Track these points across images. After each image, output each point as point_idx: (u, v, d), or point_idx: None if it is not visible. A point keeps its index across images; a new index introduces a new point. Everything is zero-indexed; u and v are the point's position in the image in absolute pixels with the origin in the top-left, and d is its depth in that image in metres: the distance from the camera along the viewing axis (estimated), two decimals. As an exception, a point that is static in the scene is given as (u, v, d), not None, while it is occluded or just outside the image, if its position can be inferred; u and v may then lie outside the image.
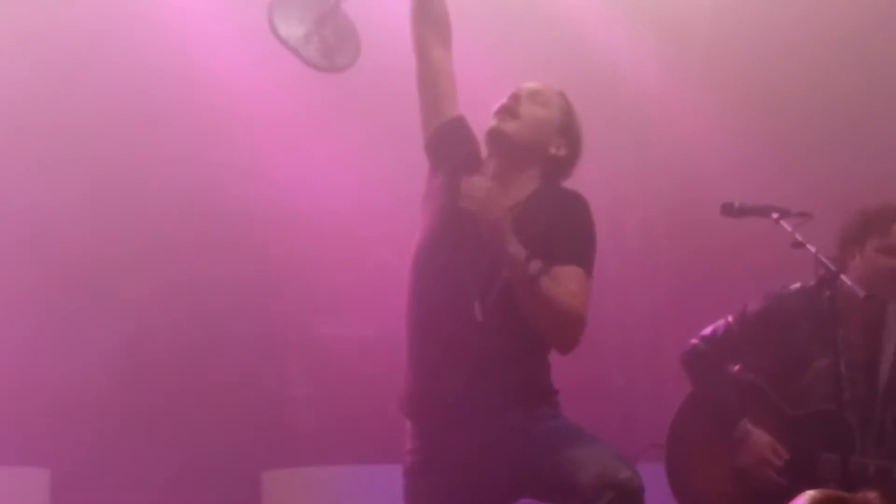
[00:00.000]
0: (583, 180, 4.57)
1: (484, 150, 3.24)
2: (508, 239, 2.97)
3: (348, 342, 5.39)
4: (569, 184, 3.40)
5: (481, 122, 3.21)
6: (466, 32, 3.40)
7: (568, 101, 3.28)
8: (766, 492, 3.81)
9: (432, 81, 3.28)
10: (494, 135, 3.17)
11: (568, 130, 3.24)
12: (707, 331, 4.06)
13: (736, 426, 3.88)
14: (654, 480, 4.09)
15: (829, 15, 5.39)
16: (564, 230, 3.11)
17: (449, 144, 3.23)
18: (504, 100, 3.21)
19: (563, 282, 3.00)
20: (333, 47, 3.47)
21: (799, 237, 3.72)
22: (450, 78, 3.29)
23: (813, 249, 3.72)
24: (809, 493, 1.97)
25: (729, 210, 3.90)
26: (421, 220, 3.22)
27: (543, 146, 3.19)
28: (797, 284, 4.00)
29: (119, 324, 5.24)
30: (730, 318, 4.03)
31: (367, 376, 5.00)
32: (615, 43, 5.72)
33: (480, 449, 3.07)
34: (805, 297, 3.94)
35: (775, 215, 3.79)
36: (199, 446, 5.12)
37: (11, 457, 4.84)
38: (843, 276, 3.66)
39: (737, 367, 4.05)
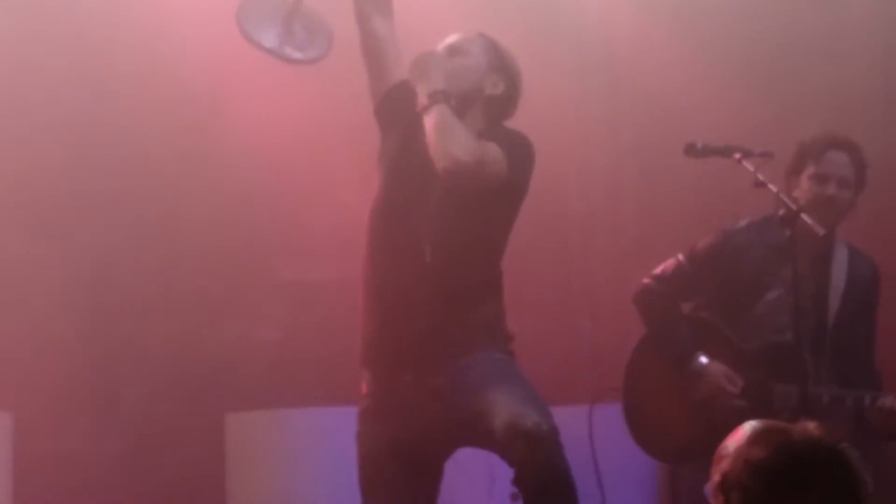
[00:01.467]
0: (550, 125, 4.57)
1: None
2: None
3: (312, 286, 5.36)
4: (536, 128, 3.44)
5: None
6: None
7: (490, 40, 3.39)
8: (724, 422, 3.80)
9: (375, 50, 3.39)
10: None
11: (499, 67, 3.35)
12: (658, 270, 4.10)
13: (690, 360, 3.90)
14: (615, 420, 4.15)
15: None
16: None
17: (396, 109, 3.34)
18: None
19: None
20: (306, 40, 3.60)
21: (761, 177, 3.73)
22: (391, 43, 3.40)
23: (774, 189, 3.74)
24: (750, 423, 1.98)
25: (692, 150, 3.92)
26: (376, 179, 3.36)
27: (478, 90, 3.31)
28: (745, 220, 4.05)
29: (79, 265, 5.17)
30: (680, 256, 4.08)
31: (331, 320, 5.00)
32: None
33: (430, 393, 3.16)
34: (754, 232, 3.99)
35: (738, 155, 3.80)
36: (162, 389, 5.10)
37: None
38: (802, 215, 3.66)
39: (689, 305, 4.08)
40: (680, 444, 3.97)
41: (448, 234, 3.20)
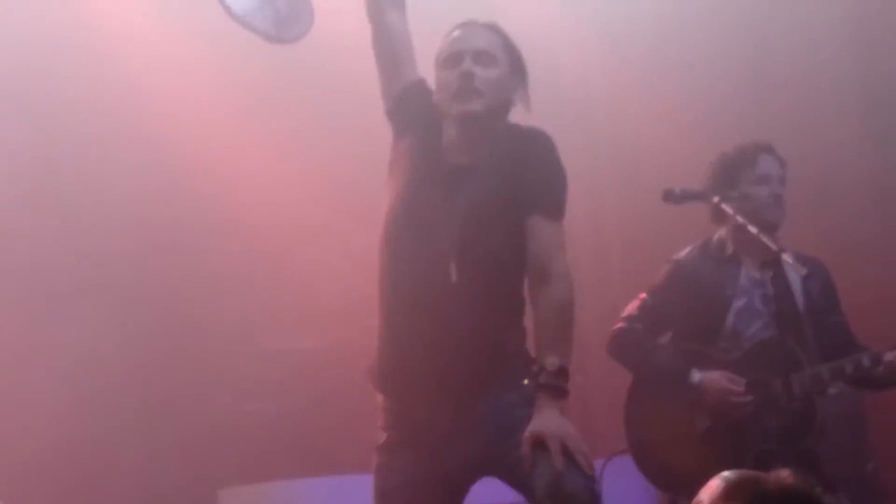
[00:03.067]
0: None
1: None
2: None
3: (298, 355, 5.33)
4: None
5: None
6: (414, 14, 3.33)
7: (502, 33, 3.20)
8: (738, 424, 3.84)
9: (389, 45, 3.21)
10: (467, 119, 3.09)
11: (517, 66, 3.18)
12: (625, 312, 4.11)
13: (685, 379, 3.88)
14: (627, 472, 4.09)
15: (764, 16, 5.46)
16: (532, 178, 3.05)
17: (412, 109, 3.17)
18: (453, 76, 3.09)
19: (553, 268, 2.96)
20: (285, 18, 3.40)
21: (740, 218, 3.80)
22: (406, 40, 3.23)
23: (754, 230, 3.77)
24: (723, 475, 1.95)
25: (670, 196, 3.96)
26: (388, 189, 3.15)
27: (508, 100, 3.15)
28: (688, 247, 4.12)
29: (69, 345, 5.15)
30: (642, 295, 4.08)
31: (319, 389, 4.97)
32: (558, 40, 5.72)
33: (464, 424, 2.99)
34: (698, 254, 4.06)
35: (716, 199, 3.88)
36: (154, 468, 5.07)
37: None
38: (783, 255, 3.74)
39: (664, 338, 4.09)
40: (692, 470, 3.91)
41: (475, 251, 2.99)
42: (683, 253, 4.09)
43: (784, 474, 1.91)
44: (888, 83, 5.46)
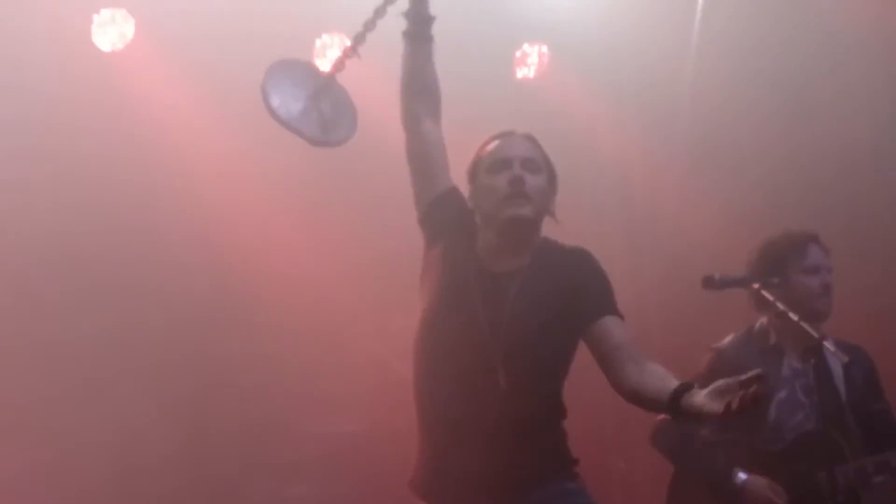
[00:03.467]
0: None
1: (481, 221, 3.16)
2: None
3: (338, 438, 5.34)
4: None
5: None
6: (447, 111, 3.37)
7: (537, 141, 3.22)
8: None
9: (423, 154, 3.21)
10: (518, 224, 3.09)
11: (552, 177, 3.20)
12: None
13: (729, 481, 3.84)
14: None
15: (797, 88, 5.52)
16: (592, 286, 3.07)
17: (445, 217, 3.18)
18: (502, 180, 3.09)
19: (627, 350, 2.97)
20: (331, 121, 3.40)
21: (781, 305, 3.76)
22: (441, 149, 3.22)
23: (795, 317, 3.75)
24: None
25: (710, 283, 3.90)
26: (421, 295, 3.15)
27: (546, 210, 3.16)
28: (730, 336, 4.08)
29: (111, 420, 5.11)
30: None
31: (359, 471, 4.96)
32: (598, 126, 5.81)
33: None
34: (741, 344, 4.02)
35: (756, 285, 3.84)
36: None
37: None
38: (825, 343, 3.69)
39: (706, 430, 4.03)
40: None
41: (524, 357, 2.99)
42: (725, 342, 4.07)
43: None
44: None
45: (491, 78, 5.57)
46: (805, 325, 3.72)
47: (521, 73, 5.81)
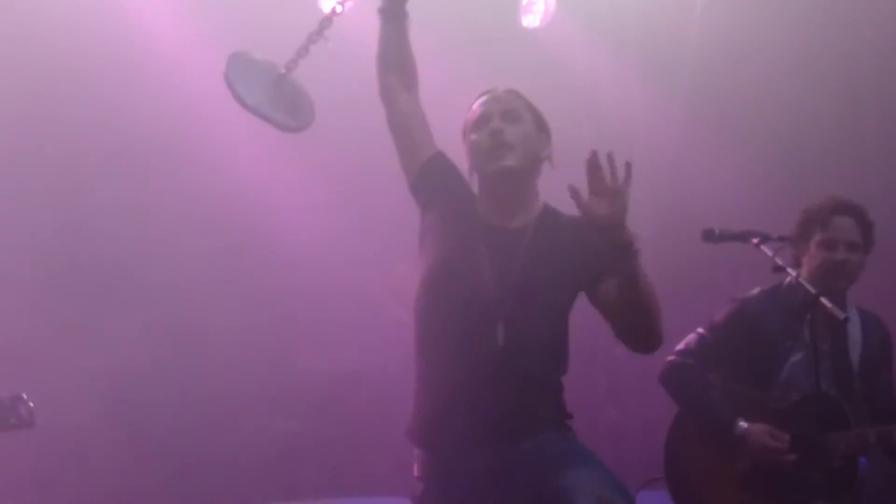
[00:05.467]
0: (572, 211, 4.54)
1: (472, 182, 3.19)
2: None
3: (331, 377, 5.36)
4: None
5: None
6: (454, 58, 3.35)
7: (521, 94, 3.24)
8: (779, 473, 3.82)
9: (404, 126, 3.25)
10: (502, 174, 3.11)
11: (541, 124, 3.22)
12: (680, 346, 4.06)
13: (731, 428, 3.87)
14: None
15: (804, 43, 5.49)
16: (603, 243, 2.99)
17: (436, 182, 3.20)
18: (483, 135, 3.13)
19: None
20: (295, 106, 3.50)
21: (779, 261, 3.77)
22: (420, 118, 3.25)
23: (793, 273, 3.76)
24: None
25: (709, 236, 3.92)
26: (420, 260, 3.17)
27: (537, 157, 3.17)
28: (757, 289, 4.06)
29: (101, 359, 5.09)
30: (700, 329, 4.05)
31: (353, 410, 4.99)
32: (599, 74, 5.78)
33: (493, 475, 3.01)
34: (768, 299, 4.00)
35: (755, 240, 3.84)
36: (180, 483, 5.05)
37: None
38: (822, 299, 3.68)
39: (717, 377, 4.03)
40: None
41: (529, 314, 3.02)
42: (752, 293, 4.04)
43: None
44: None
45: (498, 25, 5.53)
46: (803, 281, 3.74)
47: (526, 22, 5.76)
